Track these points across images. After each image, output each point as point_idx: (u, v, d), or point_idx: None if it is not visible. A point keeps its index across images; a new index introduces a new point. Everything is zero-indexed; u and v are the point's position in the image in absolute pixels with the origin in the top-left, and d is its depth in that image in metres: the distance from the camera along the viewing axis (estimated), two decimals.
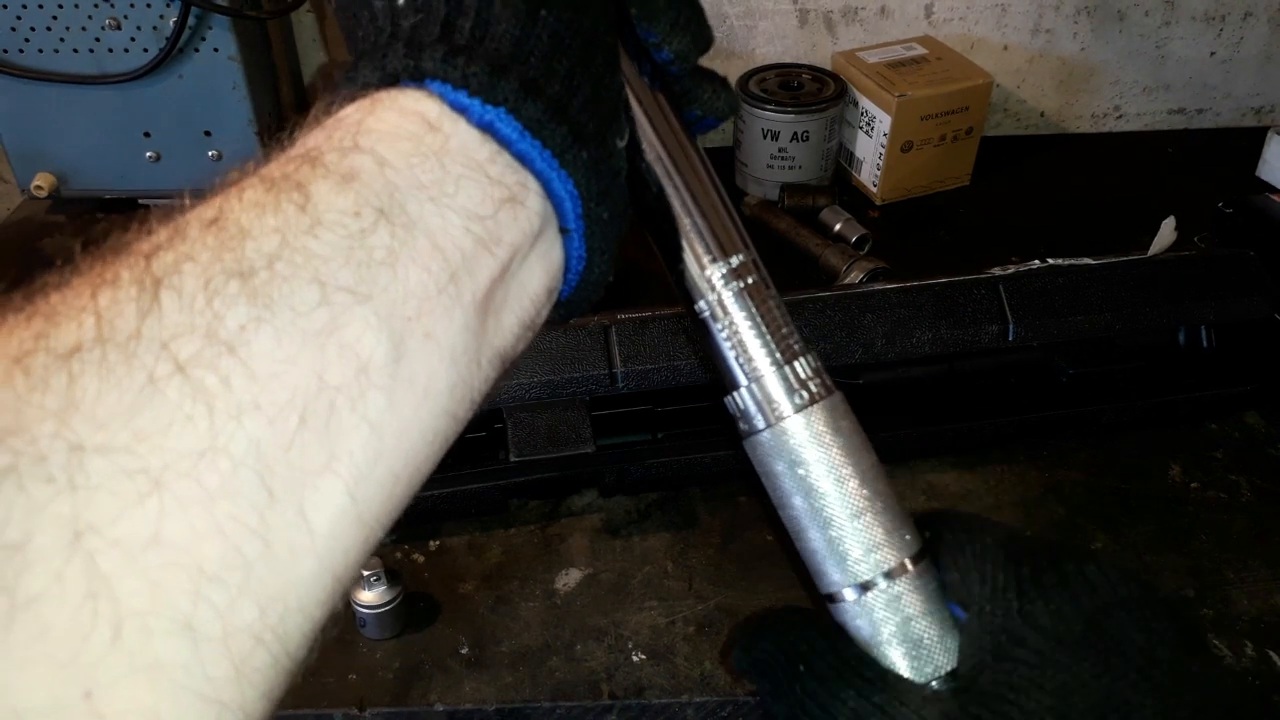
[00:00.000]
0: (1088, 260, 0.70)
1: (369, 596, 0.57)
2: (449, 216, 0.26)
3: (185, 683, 0.20)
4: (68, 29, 0.85)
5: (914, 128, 0.94)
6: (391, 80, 0.27)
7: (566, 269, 0.30)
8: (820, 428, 0.32)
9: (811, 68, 0.99)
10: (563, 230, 0.29)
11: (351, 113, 0.27)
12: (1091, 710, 0.27)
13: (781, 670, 0.31)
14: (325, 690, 0.56)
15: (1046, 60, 1.07)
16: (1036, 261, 0.70)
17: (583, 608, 0.60)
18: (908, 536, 0.33)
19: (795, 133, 0.94)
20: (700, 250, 0.33)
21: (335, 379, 0.23)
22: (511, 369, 0.30)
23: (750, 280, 0.33)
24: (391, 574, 0.58)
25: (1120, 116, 1.12)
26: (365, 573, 0.57)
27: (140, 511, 0.20)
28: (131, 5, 0.84)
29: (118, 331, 0.21)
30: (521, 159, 0.27)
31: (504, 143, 0.27)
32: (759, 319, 0.33)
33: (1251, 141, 1.02)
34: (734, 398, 0.33)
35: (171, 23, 0.84)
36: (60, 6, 0.84)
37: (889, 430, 0.67)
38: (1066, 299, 0.67)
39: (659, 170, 0.33)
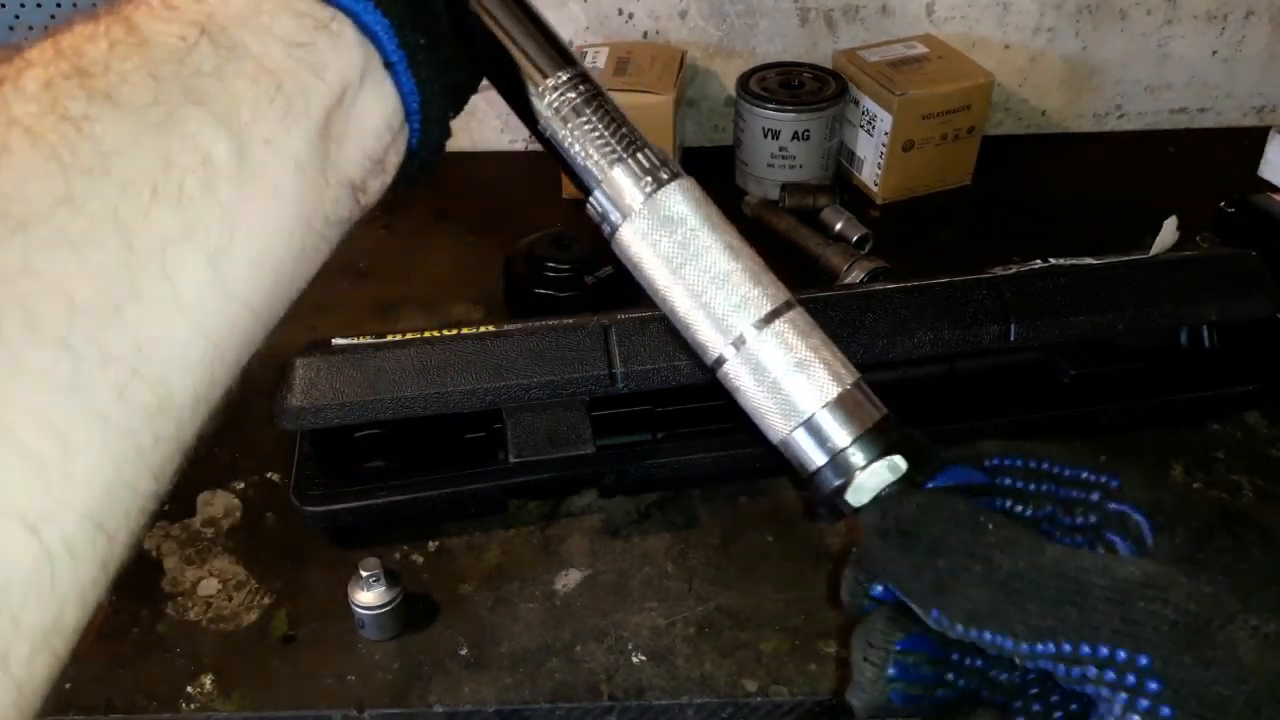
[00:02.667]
0: (1089, 260, 0.70)
1: (368, 597, 0.57)
2: (269, 42, 0.28)
3: (70, 392, 0.23)
4: None
5: (915, 127, 0.94)
6: None
7: (406, 110, 0.33)
8: (673, 207, 0.34)
9: (812, 66, 0.99)
10: (389, 65, 0.31)
11: None
12: None
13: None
14: (324, 691, 0.56)
15: (1048, 59, 1.07)
16: (1038, 261, 0.70)
17: (582, 608, 0.60)
18: (773, 290, 0.34)
19: (796, 132, 0.94)
20: (531, 75, 0.35)
21: (181, 163, 0.26)
22: (366, 208, 0.33)
23: (581, 90, 0.35)
24: (390, 575, 0.57)
25: (1122, 116, 1.11)
26: (364, 573, 0.57)
27: (8, 245, 0.23)
28: None
29: None
30: None
31: None
32: (595, 121, 0.34)
33: (1253, 141, 1.02)
34: (591, 203, 0.35)
35: None
36: (58, 5, 0.84)
37: None
38: (1068, 299, 0.67)
39: (477, 8, 0.35)
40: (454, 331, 0.62)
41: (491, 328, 0.63)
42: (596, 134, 0.34)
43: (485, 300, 0.84)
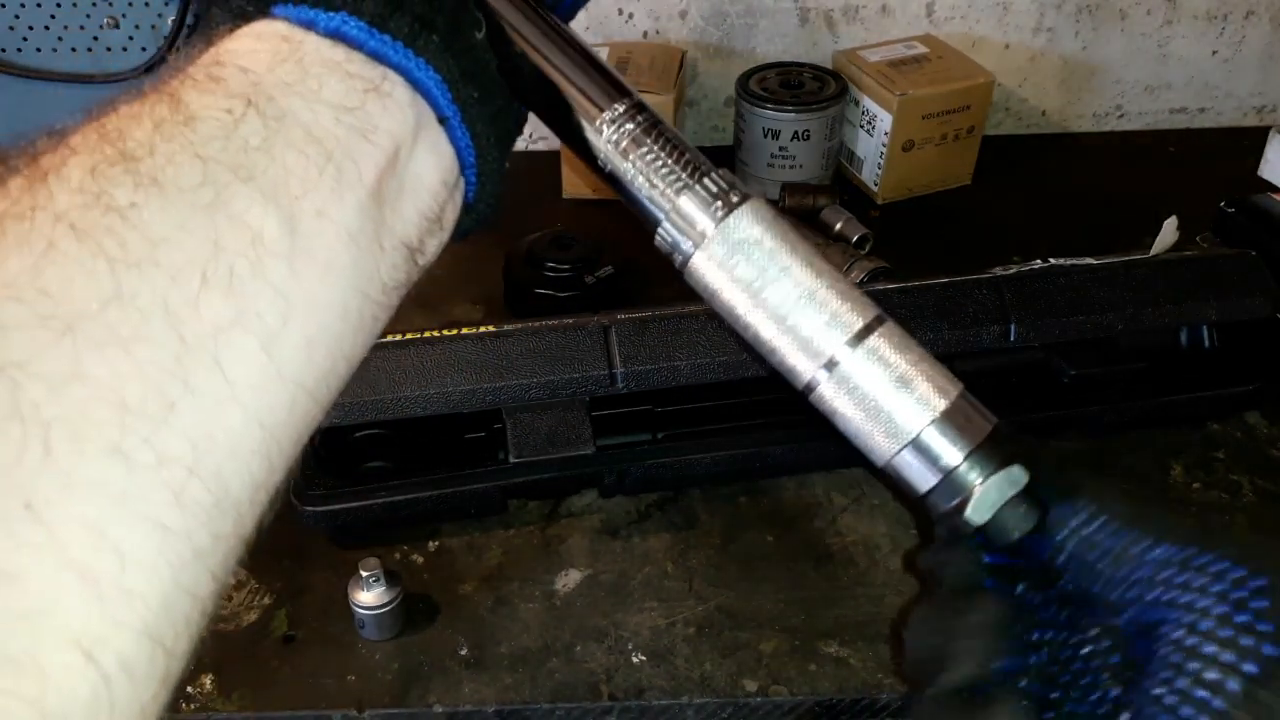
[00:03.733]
0: (1089, 260, 0.70)
1: (368, 597, 0.57)
2: (318, 109, 0.27)
3: (124, 501, 0.22)
4: (66, 28, 0.85)
5: (915, 127, 0.94)
6: (240, 15, 0.29)
7: (462, 164, 0.32)
8: (747, 230, 0.32)
9: (812, 66, 0.99)
10: (442, 120, 0.31)
11: (211, 47, 0.29)
12: None
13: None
14: (324, 691, 0.56)
15: (1048, 59, 1.07)
16: (1038, 261, 0.70)
17: (582, 609, 0.60)
18: (862, 304, 0.32)
19: (796, 132, 0.94)
20: (586, 111, 0.34)
21: (231, 245, 0.25)
22: (424, 268, 0.32)
23: (640, 120, 0.34)
24: (390, 575, 0.57)
25: (1122, 116, 1.11)
26: (364, 573, 0.57)
27: (57, 350, 0.22)
28: (130, 4, 0.84)
29: (12, 213, 0.23)
30: (376, 57, 0.29)
31: (355, 44, 0.29)
32: (657, 150, 0.33)
33: (1253, 141, 1.01)
34: (660, 235, 0.33)
35: (170, 21, 0.84)
36: (58, 5, 0.84)
37: None
38: (1068, 299, 0.67)
39: (526, 50, 0.34)
40: (454, 331, 0.62)
41: (491, 328, 0.63)
42: (660, 163, 0.33)
43: (485, 300, 0.84)
